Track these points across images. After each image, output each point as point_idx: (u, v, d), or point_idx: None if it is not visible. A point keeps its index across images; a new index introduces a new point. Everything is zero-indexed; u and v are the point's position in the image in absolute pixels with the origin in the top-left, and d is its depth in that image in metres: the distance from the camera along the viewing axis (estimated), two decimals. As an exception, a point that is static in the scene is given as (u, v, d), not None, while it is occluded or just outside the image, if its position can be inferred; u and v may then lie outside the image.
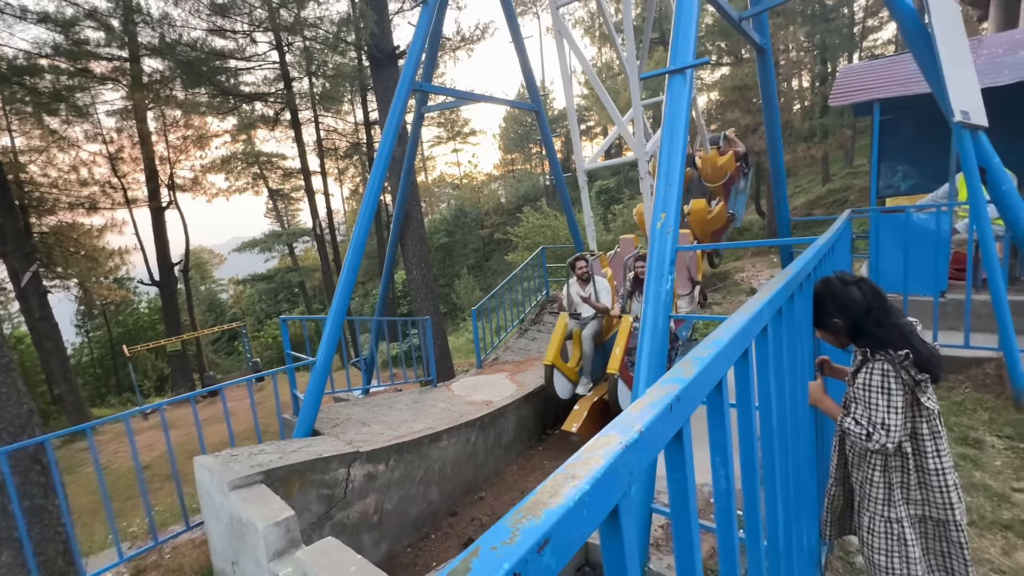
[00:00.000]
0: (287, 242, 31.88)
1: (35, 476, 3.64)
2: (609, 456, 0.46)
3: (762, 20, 4.44)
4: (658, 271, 2.56)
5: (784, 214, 5.55)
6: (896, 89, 4.86)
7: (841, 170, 25.07)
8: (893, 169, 6.01)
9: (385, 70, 6.92)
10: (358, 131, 19.08)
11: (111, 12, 12.52)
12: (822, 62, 22.99)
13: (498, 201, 40.01)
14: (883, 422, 1.42)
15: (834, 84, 5.09)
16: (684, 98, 2.82)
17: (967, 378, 3.68)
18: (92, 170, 17.09)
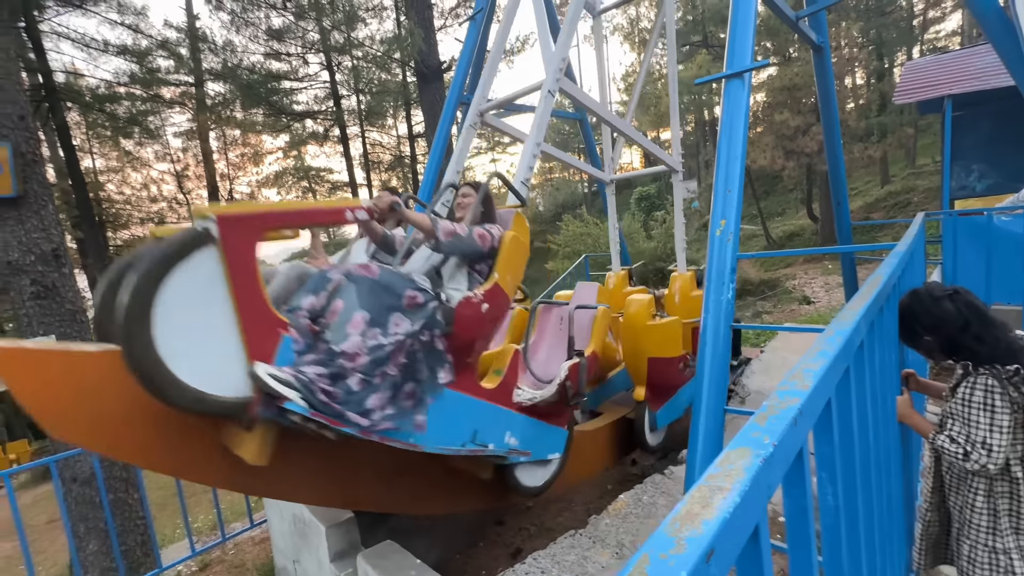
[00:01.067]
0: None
1: (118, 471, 3.93)
2: (751, 469, 0.46)
3: (819, 18, 4.28)
4: (718, 279, 2.49)
5: (845, 218, 5.28)
6: (970, 84, 4.55)
7: (902, 171, 23.61)
8: (967, 169, 5.61)
9: (431, 85, 7.13)
10: (401, 144, 19.70)
11: (180, 42, 13.58)
12: (878, 58, 21.84)
13: (536, 209, 40.15)
14: (984, 441, 1.32)
15: (899, 81, 4.82)
16: (743, 103, 2.75)
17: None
18: (160, 187, 18.47)
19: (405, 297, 1.94)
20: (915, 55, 25.33)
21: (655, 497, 3.16)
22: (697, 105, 24.40)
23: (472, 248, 2.27)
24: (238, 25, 11.46)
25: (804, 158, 17.84)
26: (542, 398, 2.69)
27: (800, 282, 17.54)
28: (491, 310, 2.25)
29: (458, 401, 2.23)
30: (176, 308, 1.46)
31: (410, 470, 2.60)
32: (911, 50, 25.28)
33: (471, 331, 2.18)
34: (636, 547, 2.69)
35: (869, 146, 18.25)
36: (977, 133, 5.45)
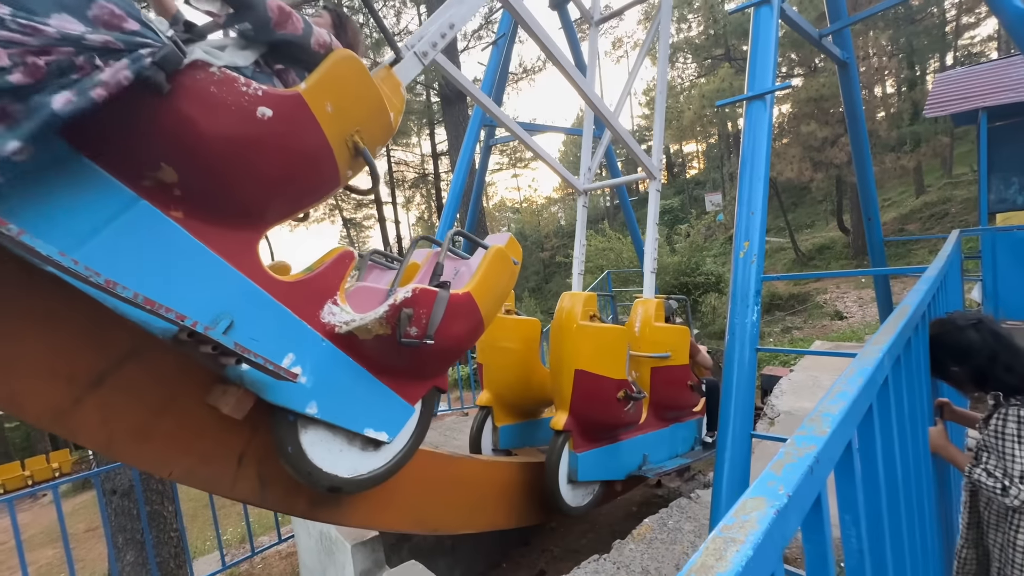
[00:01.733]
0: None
1: (154, 484, 4.08)
2: (764, 521, 0.48)
3: (844, 35, 4.25)
4: (742, 301, 2.47)
5: (876, 234, 5.14)
6: (1006, 95, 4.43)
7: (938, 180, 22.80)
8: (1006, 181, 5.40)
9: (455, 106, 7.32)
10: (424, 162, 20.15)
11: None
12: (909, 66, 21.33)
13: (558, 224, 40.26)
14: (1022, 475, 1.28)
15: (929, 94, 4.72)
16: (764, 124, 2.75)
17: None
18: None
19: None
20: (948, 61, 24.59)
21: (680, 522, 3.10)
22: (721, 117, 24.21)
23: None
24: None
25: (833, 169, 17.44)
26: (362, 323, 1.71)
27: (832, 296, 17.01)
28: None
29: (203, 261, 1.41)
30: None
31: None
32: (944, 57, 24.56)
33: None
34: (661, 575, 2.64)
35: (902, 156, 17.73)
36: (1016, 144, 5.27)
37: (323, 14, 1.88)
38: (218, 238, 1.40)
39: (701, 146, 38.12)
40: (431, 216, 29.06)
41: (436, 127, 16.24)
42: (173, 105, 1.21)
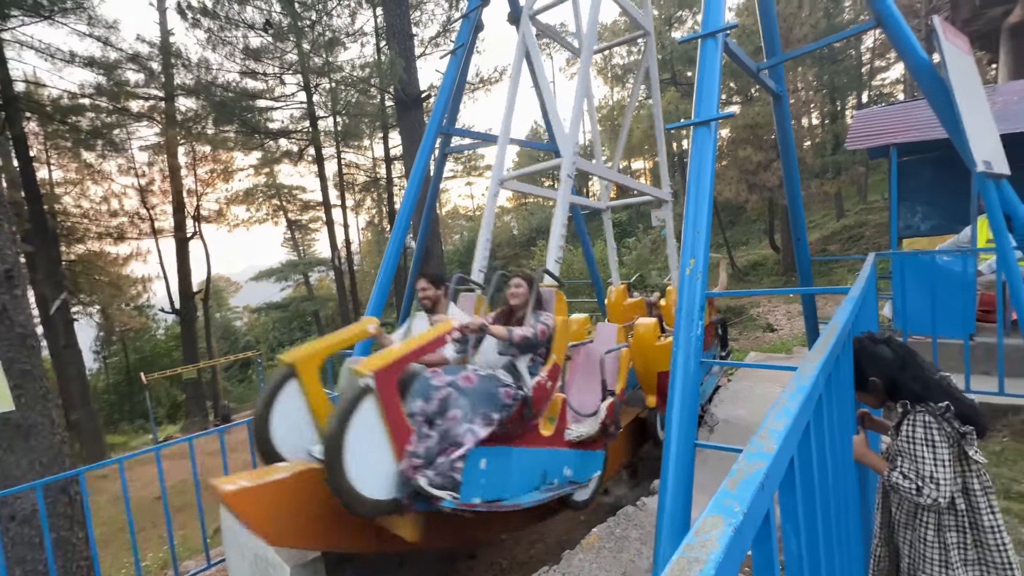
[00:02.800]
0: (303, 271, 32.49)
1: (62, 508, 3.68)
2: (723, 540, 0.50)
3: (778, 70, 4.61)
4: (687, 317, 2.59)
5: (804, 255, 5.57)
6: (913, 134, 4.95)
7: (855, 206, 25.07)
8: (912, 210, 6.04)
9: (411, 112, 7.23)
10: (377, 166, 19.71)
11: (151, 56, 13.35)
12: (831, 101, 23.44)
13: (511, 233, 40.55)
14: (931, 475, 1.42)
15: (849, 129, 5.20)
16: (709, 149, 2.92)
17: (1005, 426, 3.60)
18: (123, 201, 17.82)
19: (501, 395, 2.62)
20: (864, 99, 27.39)
21: (627, 530, 3.18)
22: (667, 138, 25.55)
23: (537, 344, 2.90)
24: (214, 43, 11.38)
25: (766, 192, 18.76)
26: (588, 434, 3.23)
27: (764, 310, 18.20)
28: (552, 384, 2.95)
29: (531, 454, 2.87)
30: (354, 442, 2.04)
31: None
32: (860, 94, 27.30)
33: (541, 404, 2.89)
34: (609, 583, 2.68)
35: (825, 182, 19.38)
36: (920, 177, 5.90)
37: (521, 284, 3.19)
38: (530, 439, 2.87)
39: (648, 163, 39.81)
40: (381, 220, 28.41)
41: (390, 131, 15.96)
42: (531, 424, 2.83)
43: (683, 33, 21.62)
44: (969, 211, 5.01)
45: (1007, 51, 8.49)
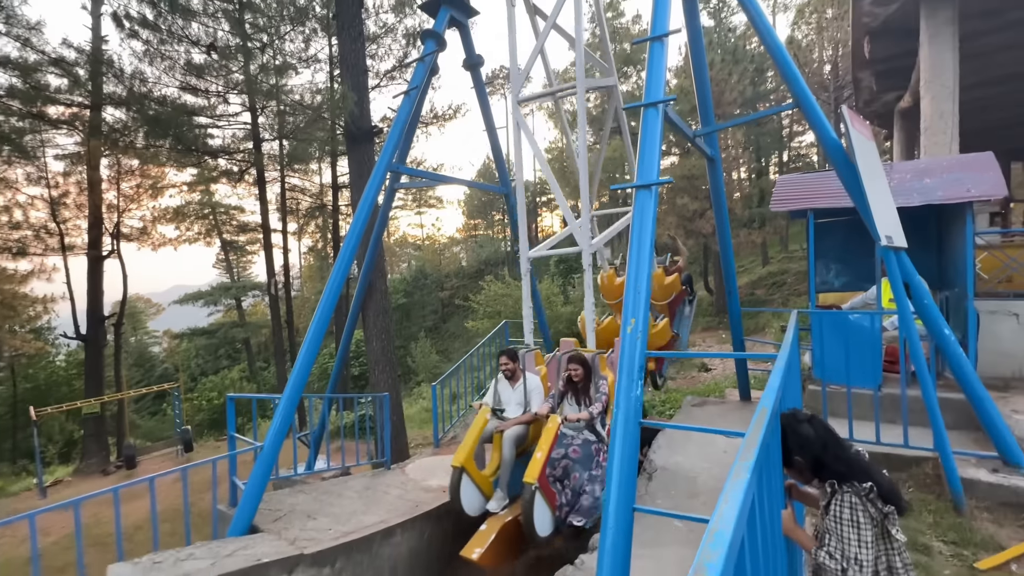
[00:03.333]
0: (235, 295, 30.48)
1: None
2: None
3: (712, 137, 4.99)
4: (628, 377, 2.62)
5: (735, 306, 5.92)
6: (827, 201, 5.48)
7: (778, 254, 27.29)
8: (827, 267, 6.62)
9: (361, 146, 7.12)
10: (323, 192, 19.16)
11: (78, 62, 12.41)
12: (757, 159, 25.81)
13: (459, 264, 40.47)
14: (856, 556, 1.46)
15: (773, 193, 5.69)
16: (650, 211, 3.05)
17: (909, 477, 3.88)
18: (28, 213, 16.06)
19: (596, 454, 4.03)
20: (784, 157, 30.43)
21: (566, 593, 3.07)
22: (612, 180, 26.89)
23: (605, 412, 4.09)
24: (152, 57, 10.77)
25: (701, 238, 20.04)
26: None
27: (698, 349, 19.09)
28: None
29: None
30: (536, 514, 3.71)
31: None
32: (781, 154, 30.34)
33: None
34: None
35: (752, 232, 21.03)
36: (834, 238, 6.51)
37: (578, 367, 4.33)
38: None
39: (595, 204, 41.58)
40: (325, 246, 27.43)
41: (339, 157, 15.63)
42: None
43: (628, 87, 23.18)
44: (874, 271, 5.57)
45: (899, 130, 9.75)
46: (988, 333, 5.57)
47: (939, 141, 5.91)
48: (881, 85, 8.81)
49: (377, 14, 12.56)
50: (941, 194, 5.02)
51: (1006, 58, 7.47)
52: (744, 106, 22.66)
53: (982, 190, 4.83)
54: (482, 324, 19.06)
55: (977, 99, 8.85)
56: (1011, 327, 5.63)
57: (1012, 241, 7.21)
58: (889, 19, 6.51)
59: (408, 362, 26.95)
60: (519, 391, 4.62)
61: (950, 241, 5.88)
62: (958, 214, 5.32)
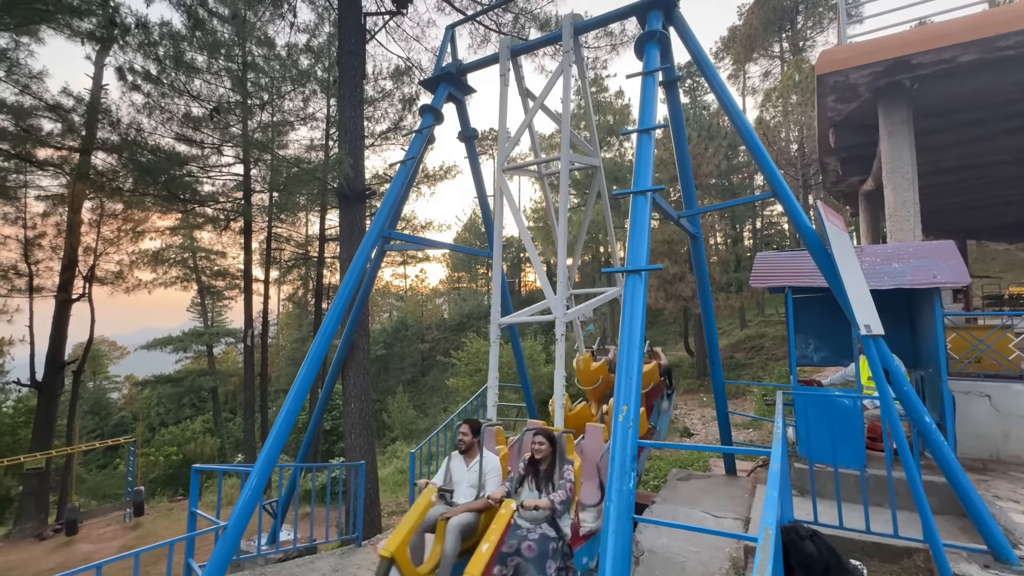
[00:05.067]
0: (207, 342, 29.43)
1: None
2: None
3: (695, 218, 5.23)
4: (620, 467, 2.56)
5: (719, 378, 5.96)
6: (804, 280, 5.69)
7: (755, 317, 27.93)
8: (806, 342, 6.77)
9: (353, 206, 7.23)
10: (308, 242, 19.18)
11: (75, 109, 12.56)
12: (732, 226, 26.99)
13: (441, 317, 40.21)
14: None
15: (753, 269, 5.90)
16: (640, 296, 3.12)
17: (901, 570, 3.79)
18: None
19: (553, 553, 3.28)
20: (758, 224, 31.88)
21: None
22: (595, 242, 27.63)
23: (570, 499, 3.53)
24: (152, 109, 11.00)
25: (681, 300, 20.47)
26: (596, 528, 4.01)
27: (680, 412, 18.94)
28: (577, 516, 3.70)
29: None
30: None
31: None
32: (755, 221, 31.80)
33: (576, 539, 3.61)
34: None
35: (730, 296, 21.61)
36: (811, 313, 6.71)
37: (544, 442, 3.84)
38: None
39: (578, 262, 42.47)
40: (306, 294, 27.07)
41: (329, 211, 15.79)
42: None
43: (611, 154, 24.42)
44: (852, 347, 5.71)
45: (864, 211, 10.39)
46: (963, 415, 5.69)
47: (903, 227, 6.30)
48: (846, 170, 9.49)
49: (376, 80, 13.21)
50: (910, 279, 5.28)
51: (957, 152, 8.17)
52: (720, 177, 24.03)
53: (947, 277, 5.11)
54: (463, 382, 18.68)
55: (935, 184, 9.57)
56: (984, 408, 5.76)
57: (976, 324, 7.55)
58: (851, 115, 7.11)
59: (384, 417, 25.99)
60: (474, 471, 4.01)
61: (921, 322, 6.12)
62: (927, 297, 5.58)
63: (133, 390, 35.84)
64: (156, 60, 10.75)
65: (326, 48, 12.42)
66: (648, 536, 5.20)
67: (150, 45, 10.17)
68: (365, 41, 8.13)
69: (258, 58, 11.99)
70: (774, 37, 34.22)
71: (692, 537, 4.83)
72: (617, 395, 2.78)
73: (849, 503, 4.54)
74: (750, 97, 36.93)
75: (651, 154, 3.67)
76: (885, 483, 4.35)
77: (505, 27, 9.16)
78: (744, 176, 26.86)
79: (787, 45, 34.21)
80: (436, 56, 6.70)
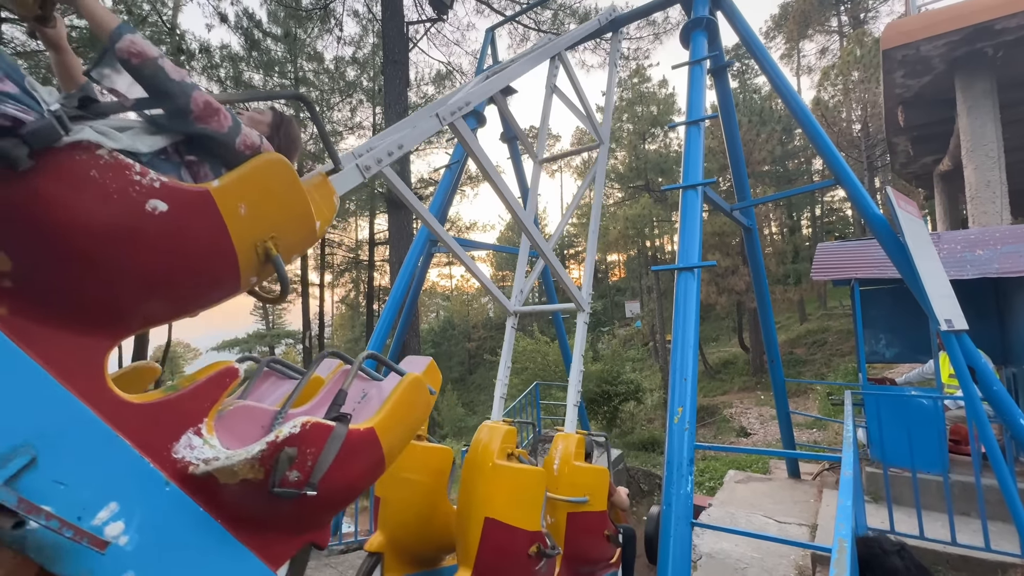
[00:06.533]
0: (270, 343, 31.28)
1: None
2: None
3: (748, 210, 5.00)
4: (678, 471, 2.50)
5: (779, 375, 5.68)
6: (871, 271, 5.31)
7: (816, 311, 26.32)
8: (876, 337, 6.32)
9: (401, 211, 7.46)
10: (359, 247, 19.94)
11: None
12: (789, 215, 25.54)
13: (487, 315, 40.64)
14: None
15: (814, 261, 5.57)
16: (693, 293, 3.03)
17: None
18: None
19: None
20: (817, 212, 30.01)
21: None
22: (640, 236, 27.00)
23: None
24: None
25: (734, 295, 19.62)
26: (228, 463, 1.28)
27: (736, 411, 18.17)
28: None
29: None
30: None
31: None
32: (813, 208, 29.95)
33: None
34: None
35: (788, 289, 20.49)
36: (881, 307, 6.25)
37: (265, 112, 1.76)
38: (48, 343, 1.12)
39: (622, 257, 41.65)
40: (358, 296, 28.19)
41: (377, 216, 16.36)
42: (32, 184, 1.03)
43: (656, 146, 23.76)
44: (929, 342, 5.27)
45: (940, 193, 9.55)
46: (1066, 415, 5.12)
47: (988, 210, 5.73)
48: (918, 150, 8.74)
49: (419, 86, 13.53)
50: (998, 267, 4.80)
51: (1050, 123, 7.34)
52: (774, 163, 22.79)
53: (1043, 264, 4.61)
54: (511, 380, 18.81)
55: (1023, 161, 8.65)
56: (1091, 408, 5.16)
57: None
58: (922, 90, 6.55)
59: (433, 415, 26.67)
60: None
61: (1011, 314, 5.56)
62: (1018, 286, 5.05)
63: (205, 389, 38.66)
64: (218, 81, 11.52)
65: (371, 58, 12.85)
66: (706, 540, 5.04)
67: (212, 68, 10.91)
68: (408, 49, 8.34)
69: (308, 72, 12.59)
70: (831, 10, 32.00)
71: (754, 543, 4.64)
72: (672, 396, 2.71)
73: (929, 511, 4.20)
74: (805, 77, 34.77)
75: (700, 147, 3.54)
76: (968, 490, 3.99)
77: (544, 24, 9.12)
78: (801, 161, 25.36)
79: (846, 18, 31.91)
80: (477, 59, 6.78)
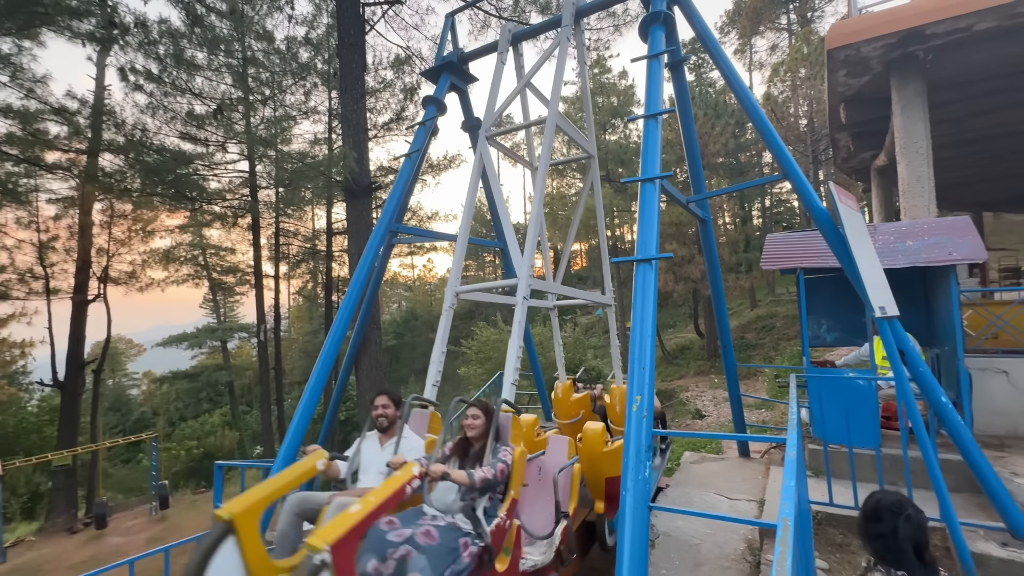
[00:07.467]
0: (221, 337, 29.86)
1: None
2: None
3: (704, 203, 5.17)
4: (636, 457, 2.58)
5: (731, 360, 5.95)
6: (815, 260, 5.62)
7: (765, 297, 27.69)
8: (818, 322, 6.72)
9: (359, 200, 7.24)
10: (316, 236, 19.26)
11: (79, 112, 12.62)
12: (741, 206, 26.62)
13: (450, 306, 40.32)
14: None
15: (763, 251, 5.84)
16: (651, 284, 3.11)
17: (918, 549, 3.80)
18: (14, 256, 15.82)
19: (462, 548, 2.49)
20: (767, 203, 31.43)
21: None
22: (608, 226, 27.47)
23: (497, 484, 2.79)
24: (155, 109, 11.02)
25: (690, 282, 20.34)
26: (543, 563, 3.11)
27: (692, 394, 18.96)
28: (510, 521, 2.86)
29: None
30: None
31: None
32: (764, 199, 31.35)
33: (500, 545, 2.78)
34: None
35: (740, 277, 21.43)
36: (823, 293, 6.64)
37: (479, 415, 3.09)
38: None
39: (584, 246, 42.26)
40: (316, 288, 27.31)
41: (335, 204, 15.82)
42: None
43: (616, 136, 24.09)
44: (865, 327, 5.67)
45: (877, 186, 10.20)
46: (980, 391, 5.64)
47: (918, 204, 6.18)
48: (858, 145, 9.29)
49: (376, 70, 13.10)
50: (925, 256, 5.20)
51: (972, 124, 7.96)
52: (727, 156, 23.63)
53: (963, 254, 5.01)
54: (474, 371, 18.83)
55: (950, 158, 9.34)
56: (1002, 384, 5.70)
57: (993, 299, 7.43)
58: (862, 89, 6.94)
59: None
60: (389, 452, 3.17)
61: (936, 300, 6.04)
62: (942, 274, 5.49)
63: (152, 386, 36.63)
64: (157, 59, 10.74)
65: (325, 40, 12.31)
66: (663, 519, 5.26)
67: (150, 44, 10.16)
68: (364, 32, 8.05)
69: (258, 53, 11.93)
70: (781, 8, 33.27)
71: (707, 519, 4.88)
72: (631, 385, 2.79)
73: (864, 483, 4.55)
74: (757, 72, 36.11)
75: (658, 140, 3.61)
76: (901, 462, 4.35)
77: (505, 11, 9.01)
78: (752, 154, 26.42)
79: (795, 16, 33.27)
80: (437, 45, 6.63)
